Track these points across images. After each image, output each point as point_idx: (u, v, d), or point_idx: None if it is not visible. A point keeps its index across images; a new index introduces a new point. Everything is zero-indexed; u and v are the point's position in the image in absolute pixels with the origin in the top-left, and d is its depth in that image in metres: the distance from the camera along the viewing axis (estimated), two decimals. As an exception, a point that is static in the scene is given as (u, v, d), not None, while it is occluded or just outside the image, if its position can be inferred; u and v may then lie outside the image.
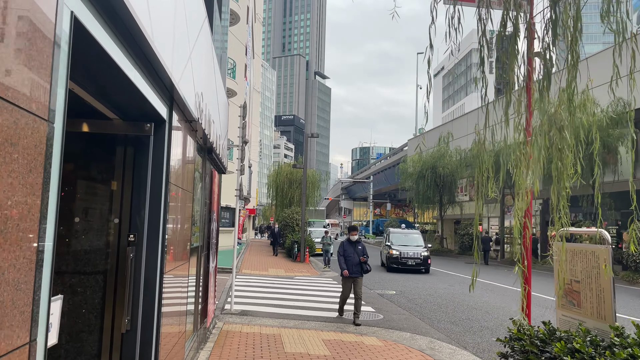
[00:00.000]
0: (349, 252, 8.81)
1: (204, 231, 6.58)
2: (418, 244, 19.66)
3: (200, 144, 5.72)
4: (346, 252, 8.84)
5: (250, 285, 13.13)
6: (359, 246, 8.94)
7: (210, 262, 7.04)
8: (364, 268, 8.77)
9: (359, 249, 8.90)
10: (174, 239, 4.07)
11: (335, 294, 12.01)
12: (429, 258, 18.90)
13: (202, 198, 6.13)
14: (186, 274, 4.85)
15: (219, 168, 8.02)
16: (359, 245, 8.98)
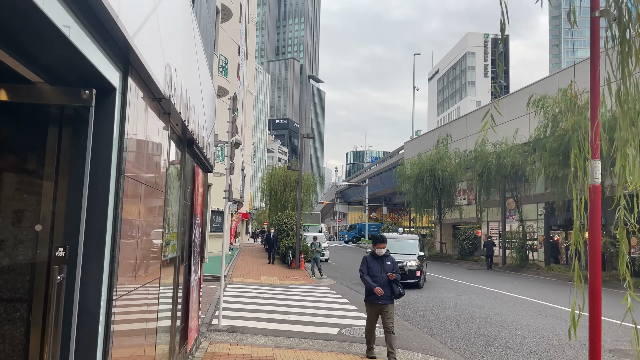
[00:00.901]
0: (375, 270, 6.68)
1: (184, 238, 5.58)
2: (411, 252, 16.11)
3: (177, 133, 4.73)
4: (371, 270, 6.74)
5: (241, 296, 12.11)
6: (388, 261, 6.76)
7: (193, 274, 6.03)
8: (395, 291, 6.55)
9: (388, 265, 6.71)
10: (134, 251, 3.08)
11: (333, 305, 11.03)
12: (418, 270, 15.11)
13: (180, 199, 5.14)
14: (156, 293, 3.85)
15: (204, 166, 7.02)
16: (388, 260, 6.78)
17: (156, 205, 3.71)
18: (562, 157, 18.54)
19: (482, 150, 24.88)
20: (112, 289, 2.61)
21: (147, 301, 3.57)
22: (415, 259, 15.42)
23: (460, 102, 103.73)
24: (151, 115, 3.44)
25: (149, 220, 3.52)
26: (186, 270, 5.78)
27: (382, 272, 6.61)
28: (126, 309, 2.94)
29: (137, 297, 3.23)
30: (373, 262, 6.77)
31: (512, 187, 24.70)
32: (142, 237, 3.28)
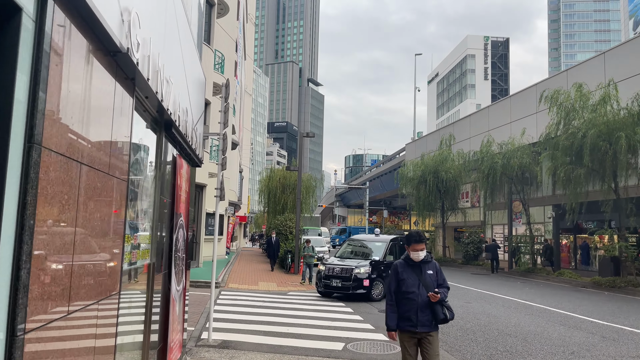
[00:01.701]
0: (410, 284, 4.46)
1: (163, 242, 4.66)
2: (371, 257, 13.48)
3: (148, 110, 3.82)
4: (404, 284, 4.48)
5: (236, 305, 11.16)
6: (429, 270, 4.56)
7: (174, 283, 5.10)
8: (439, 314, 4.42)
9: (429, 275, 4.53)
10: (66, 262, 2.17)
11: (336, 315, 10.10)
12: (368, 278, 12.46)
13: (156, 194, 4.21)
14: (113, 312, 2.93)
15: (190, 158, 6.11)
16: (429, 268, 4.58)
17: (112, 198, 2.79)
18: (574, 157, 17.65)
19: (488, 151, 23.99)
20: (16, 320, 1.69)
21: (96, 325, 2.64)
22: (367, 264, 12.74)
23: (460, 104, 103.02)
24: (99, 71, 2.52)
25: (100, 216, 2.59)
26: (165, 280, 4.85)
27: (420, 287, 4.41)
28: (50, 346, 2.01)
29: (75, 324, 2.30)
30: (407, 271, 4.51)
31: (519, 188, 23.79)
32: (84, 240, 2.36)
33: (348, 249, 15.01)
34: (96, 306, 2.60)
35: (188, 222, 6.01)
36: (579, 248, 24.69)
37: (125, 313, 3.42)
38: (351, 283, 12.43)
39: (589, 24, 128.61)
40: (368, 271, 12.57)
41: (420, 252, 4.53)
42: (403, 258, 4.66)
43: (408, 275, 4.51)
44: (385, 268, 12.94)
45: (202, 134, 7.27)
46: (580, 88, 17.71)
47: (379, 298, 12.53)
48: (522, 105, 25.98)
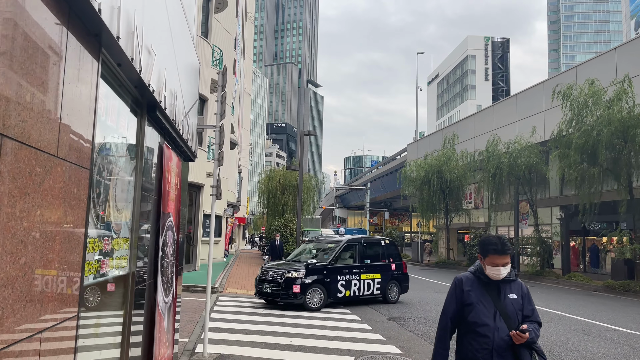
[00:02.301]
0: (481, 312, 2.87)
1: (146, 247, 3.94)
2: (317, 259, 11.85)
3: (123, 83, 3.09)
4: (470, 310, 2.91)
5: (234, 312, 10.43)
6: (512, 294, 2.91)
7: (161, 295, 4.38)
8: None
9: (512, 300, 2.89)
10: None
11: (342, 323, 9.38)
12: (298, 284, 10.82)
13: (136, 189, 3.49)
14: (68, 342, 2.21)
15: (182, 151, 5.39)
16: (512, 291, 2.93)
17: (63, 189, 2.06)
18: (587, 156, 16.96)
19: (494, 150, 23.29)
20: None
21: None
22: (302, 268, 11.15)
23: (461, 105, 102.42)
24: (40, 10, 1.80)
25: (42, 215, 1.87)
26: (150, 291, 4.12)
27: (497, 319, 2.84)
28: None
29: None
30: (477, 292, 2.93)
31: (526, 189, 23.09)
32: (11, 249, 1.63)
33: (305, 249, 13.49)
34: (39, 337, 1.88)
35: (179, 224, 5.28)
36: (588, 250, 24.01)
37: (91, 336, 2.70)
38: (280, 289, 10.94)
39: (589, 25, 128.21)
40: (300, 276, 10.96)
41: (502, 268, 2.85)
42: (473, 271, 3.03)
43: (479, 299, 2.88)
44: (331, 273, 11.35)
45: (197, 125, 6.56)
46: (593, 84, 17.03)
47: (316, 307, 10.92)
48: (529, 104, 25.30)
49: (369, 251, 12.60)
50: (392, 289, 12.62)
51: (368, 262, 12.28)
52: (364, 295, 11.92)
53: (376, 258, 12.61)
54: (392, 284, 12.63)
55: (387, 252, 12.96)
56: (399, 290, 12.81)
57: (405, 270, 13.15)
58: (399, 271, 12.87)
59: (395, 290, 12.70)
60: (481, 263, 2.98)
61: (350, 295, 11.68)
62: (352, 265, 11.95)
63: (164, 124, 4.08)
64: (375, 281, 12.16)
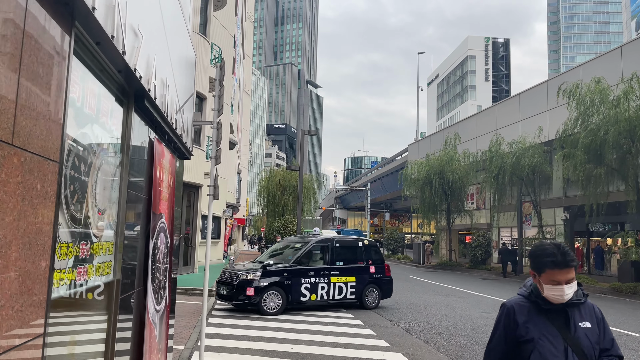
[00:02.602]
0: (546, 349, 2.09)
1: (135, 251, 3.59)
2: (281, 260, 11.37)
3: (105, 67, 2.75)
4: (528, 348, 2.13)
5: (232, 317, 10.07)
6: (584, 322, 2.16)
7: (152, 303, 4.02)
8: None
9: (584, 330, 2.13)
10: None
11: (347, 329, 9.02)
12: (252, 287, 10.19)
13: (122, 187, 3.14)
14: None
15: (175, 147, 5.05)
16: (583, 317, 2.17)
17: (23, 185, 1.71)
18: (593, 155, 16.62)
19: (497, 150, 22.95)
20: None
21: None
22: (258, 269, 10.52)
23: (461, 106, 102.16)
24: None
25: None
26: (139, 299, 3.77)
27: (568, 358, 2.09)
28: None
29: None
30: (537, 324, 2.17)
31: (530, 189, 22.75)
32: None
33: (276, 250, 12.76)
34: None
35: (173, 225, 4.93)
36: (592, 252, 23.67)
37: (65, 358, 2.35)
38: (234, 291, 10.32)
39: (589, 26, 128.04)
40: (256, 278, 10.30)
41: (566, 286, 2.10)
42: (526, 294, 2.30)
43: (541, 332, 2.14)
44: (294, 275, 10.62)
45: (193, 122, 6.21)
46: (599, 82, 16.70)
47: (274, 312, 10.27)
48: (532, 103, 24.98)
49: (343, 252, 11.67)
50: (370, 293, 11.66)
51: (341, 264, 11.38)
52: (334, 299, 11.10)
53: (351, 260, 11.68)
54: (371, 288, 11.69)
55: (366, 253, 11.97)
56: (380, 295, 11.80)
57: (388, 274, 12.14)
58: (379, 274, 11.87)
59: (375, 294, 11.73)
60: (535, 282, 2.24)
61: (318, 299, 10.85)
62: (319, 267, 11.08)
63: (154, 117, 3.73)
64: (348, 285, 11.25)
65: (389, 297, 12.20)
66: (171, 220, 4.81)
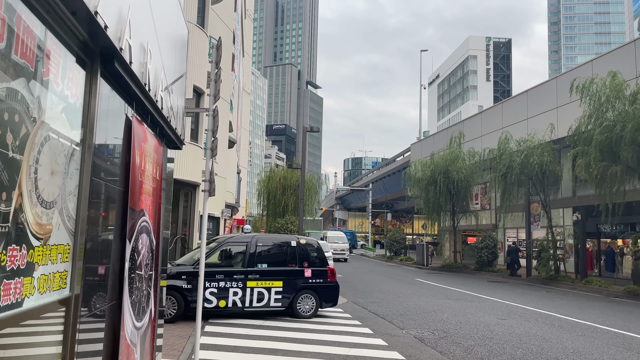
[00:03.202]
0: None
1: (106, 256, 2.86)
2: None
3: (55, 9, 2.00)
4: None
5: (231, 324, 9.32)
6: None
7: (130, 319, 3.28)
8: None
9: None
10: None
11: (352, 337, 8.28)
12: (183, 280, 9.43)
13: (83, 173, 2.41)
14: None
15: (164, 133, 4.32)
16: None
17: None
18: (607, 153, 15.89)
19: (506, 148, 22.21)
20: None
21: None
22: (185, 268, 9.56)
23: (462, 106, 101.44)
24: None
25: None
26: (112, 316, 3.03)
27: None
28: None
29: None
30: None
31: (539, 189, 22.01)
32: None
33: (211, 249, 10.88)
34: None
35: (160, 225, 4.19)
36: (602, 253, 22.94)
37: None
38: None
39: (590, 27, 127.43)
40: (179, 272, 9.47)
41: None
42: None
43: None
44: (195, 278, 9.14)
45: (185, 108, 5.48)
46: (615, 77, 15.97)
47: (169, 319, 9.08)
48: (541, 100, 24.27)
49: (267, 254, 10.32)
50: (304, 300, 10.16)
51: (263, 267, 9.95)
52: (251, 307, 9.68)
53: (279, 262, 10.24)
54: (306, 295, 10.16)
55: (300, 255, 10.36)
56: (318, 303, 10.22)
57: (332, 279, 10.49)
58: (318, 279, 10.25)
59: (312, 302, 10.18)
60: None
61: (229, 306, 9.53)
62: (232, 270, 9.73)
63: (132, 89, 2.99)
64: (272, 290, 9.79)
65: (332, 305, 10.60)
66: (157, 219, 4.08)
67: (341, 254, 32.82)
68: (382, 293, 15.45)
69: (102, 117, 2.62)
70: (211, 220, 22.27)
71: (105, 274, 2.84)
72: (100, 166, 2.64)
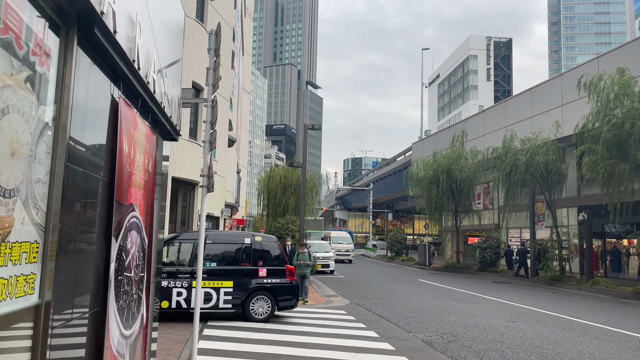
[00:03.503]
0: None
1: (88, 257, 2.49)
2: None
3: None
4: None
5: (230, 327, 8.95)
6: None
7: (116, 327, 2.92)
8: None
9: None
10: None
11: (357, 342, 7.92)
12: None
13: (54, 156, 2.03)
14: None
15: (157, 122, 3.95)
16: None
17: None
18: (617, 150, 15.53)
19: (510, 147, 21.84)
20: None
21: None
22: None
23: (462, 106, 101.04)
24: None
25: None
26: (95, 324, 2.66)
27: None
28: None
29: None
30: None
31: (544, 188, 21.64)
32: None
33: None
34: None
35: (152, 223, 3.82)
36: (608, 253, 22.58)
37: None
38: None
39: (590, 27, 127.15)
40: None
41: None
42: None
43: None
44: None
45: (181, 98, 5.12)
46: (624, 73, 15.61)
47: None
48: (545, 98, 23.91)
49: (218, 251, 9.72)
50: (259, 302, 9.49)
51: (212, 266, 9.39)
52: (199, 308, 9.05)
53: (231, 260, 9.64)
54: (260, 296, 9.50)
55: (255, 253, 9.66)
56: (274, 305, 9.55)
57: (292, 279, 9.79)
58: (274, 279, 9.58)
59: (267, 305, 9.51)
60: None
61: (172, 307, 8.93)
62: (175, 269, 9.19)
63: (118, 65, 2.63)
64: (222, 290, 9.22)
65: (291, 307, 9.91)
66: (149, 215, 3.71)
67: (345, 255, 31.76)
68: (385, 294, 15.09)
69: (81, 94, 2.26)
70: (211, 220, 21.89)
71: (86, 277, 2.47)
72: (79, 151, 2.28)
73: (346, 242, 32.96)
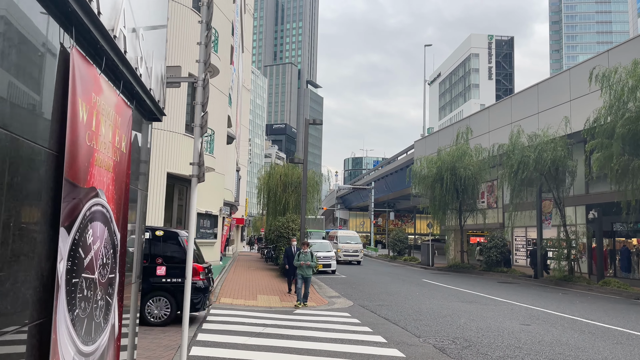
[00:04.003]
0: None
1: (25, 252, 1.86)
2: None
3: None
4: None
5: (227, 333, 8.35)
6: None
7: (69, 344, 2.30)
8: None
9: None
10: None
11: (363, 347, 7.30)
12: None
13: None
14: None
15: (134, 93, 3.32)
16: None
17: None
18: (631, 146, 14.92)
19: (518, 143, 21.22)
20: None
21: None
22: None
23: (464, 105, 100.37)
24: None
25: None
26: (37, 340, 2.04)
27: None
28: None
29: None
30: None
31: (552, 186, 21.01)
32: None
33: None
34: None
35: (127, 214, 3.20)
36: (618, 253, 21.95)
37: None
38: None
39: (591, 25, 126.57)
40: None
41: None
42: None
43: None
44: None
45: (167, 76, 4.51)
46: (638, 65, 14.99)
47: None
48: (553, 94, 23.29)
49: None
50: (155, 303, 8.65)
51: None
52: None
53: None
54: (158, 297, 8.68)
55: (153, 250, 8.79)
56: (175, 307, 8.66)
57: (199, 277, 8.80)
58: (174, 278, 8.69)
59: (165, 306, 8.68)
60: None
61: None
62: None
63: (68, 4, 2.01)
64: None
65: (198, 310, 9.00)
66: (123, 205, 3.08)
67: (354, 256, 29.24)
68: (390, 295, 14.48)
69: (4, 30, 1.64)
70: (209, 218, 21.30)
71: (20, 280, 1.86)
72: (6, 109, 1.67)
73: (354, 241, 30.67)
